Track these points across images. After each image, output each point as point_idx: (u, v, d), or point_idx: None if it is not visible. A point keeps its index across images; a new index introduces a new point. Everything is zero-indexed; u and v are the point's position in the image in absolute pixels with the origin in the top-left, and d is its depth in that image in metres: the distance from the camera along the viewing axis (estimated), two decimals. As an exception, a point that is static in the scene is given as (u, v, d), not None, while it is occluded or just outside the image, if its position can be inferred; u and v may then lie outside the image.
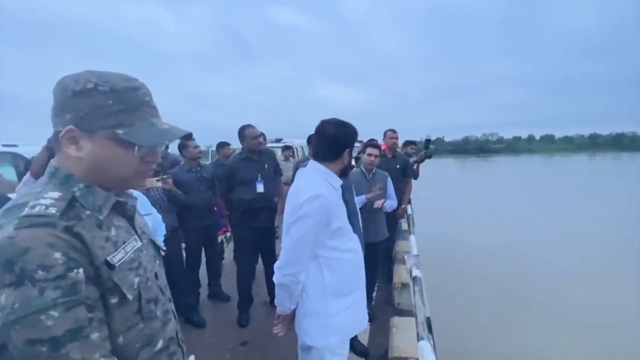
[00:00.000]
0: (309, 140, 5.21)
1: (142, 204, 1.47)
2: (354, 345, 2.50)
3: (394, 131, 3.68)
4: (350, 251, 1.39)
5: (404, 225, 4.53)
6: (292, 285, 1.31)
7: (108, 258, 0.62)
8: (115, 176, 0.68)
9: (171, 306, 0.80)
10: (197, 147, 3.16)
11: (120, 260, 0.64)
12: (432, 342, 1.77)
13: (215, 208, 3.47)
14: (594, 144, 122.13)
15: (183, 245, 3.12)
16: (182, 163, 3.32)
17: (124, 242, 0.68)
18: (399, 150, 3.95)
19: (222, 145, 3.91)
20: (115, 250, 0.65)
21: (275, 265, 1.32)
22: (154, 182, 2.36)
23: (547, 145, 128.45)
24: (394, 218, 3.57)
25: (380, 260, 3.05)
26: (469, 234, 8.39)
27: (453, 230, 8.74)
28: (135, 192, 1.45)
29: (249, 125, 2.87)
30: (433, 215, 10.39)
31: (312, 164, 1.42)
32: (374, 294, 3.39)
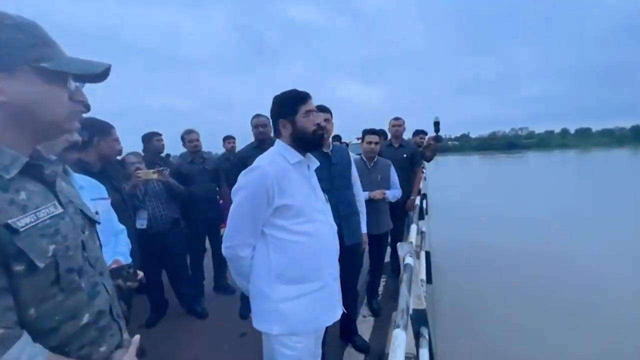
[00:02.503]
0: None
1: (95, 190, 1.41)
2: (355, 340, 2.41)
3: (397, 119, 3.52)
4: (304, 234, 1.25)
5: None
6: (235, 260, 1.28)
7: (10, 221, 0.57)
8: (47, 119, 0.65)
9: (102, 279, 0.75)
10: (192, 140, 3.18)
11: (27, 225, 0.59)
12: (426, 334, 1.65)
13: (222, 201, 3.48)
14: (637, 136, 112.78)
15: None
16: (185, 154, 3.37)
17: (37, 207, 0.63)
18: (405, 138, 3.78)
19: (226, 139, 3.93)
20: (23, 215, 0.60)
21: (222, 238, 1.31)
22: (150, 174, 2.37)
23: (584, 139, 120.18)
24: (401, 210, 3.42)
25: (383, 253, 2.91)
26: (495, 236, 7.86)
27: (477, 232, 8.25)
28: (83, 177, 1.38)
29: (257, 115, 2.83)
30: (454, 214, 9.96)
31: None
32: (380, 288, 3.27)
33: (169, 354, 2.44)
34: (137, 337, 0.87)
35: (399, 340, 0.93)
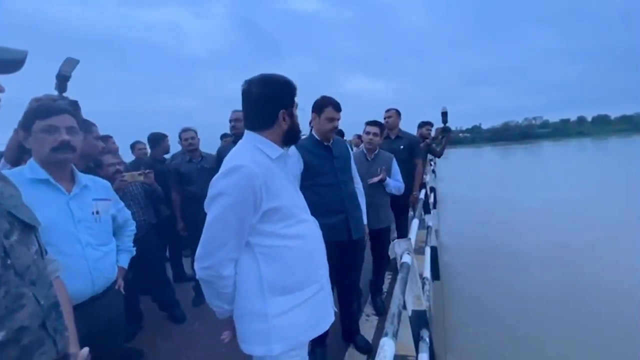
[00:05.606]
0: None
1: (100, 190, 1.38)
2: (357, 340, 2.31)
3: (387, 110, 3.39)
4: (296, 237, 1.12)
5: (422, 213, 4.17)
6: (215, 282, 1.07)
7: None
8: None
9: (34, 290, 0.66)
10: (187, 139, 3.14)
11: None
12: (427, 337, 1.53)
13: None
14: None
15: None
16: (183, 154, 3.33)
17: None
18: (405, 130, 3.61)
19: (224, 137, 3.87)
20: None
21: (195, 256, 1.10)
22: (136, 176, 2.31)
23: (602, 126, 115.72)
24: (404, 205, 3.29)
25: (386, 248, 2.79)
26: (508, 229, 7.53)
27: (489, 225, 7.95)
28: (90, 177, 1.35)
29: (234, 110, 2.80)
30: (465, 208, 9.73)
31: (245, 133, 1.16)
32: (385, 285, 3.16)
33: (168, 357, 2.40)
34: (85, 349, 0.80)
35: (386, 351, 0.82)
